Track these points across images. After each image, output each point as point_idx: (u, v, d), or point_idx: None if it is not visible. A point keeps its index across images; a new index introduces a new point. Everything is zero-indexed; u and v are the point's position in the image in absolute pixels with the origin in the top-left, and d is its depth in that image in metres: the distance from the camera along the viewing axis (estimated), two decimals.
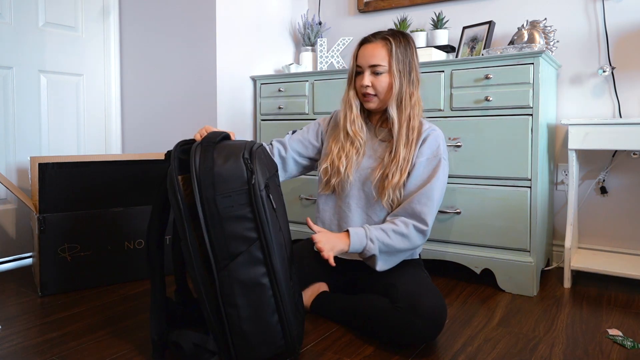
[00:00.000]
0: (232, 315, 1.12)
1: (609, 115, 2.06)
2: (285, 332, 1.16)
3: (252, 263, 1.12)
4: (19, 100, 2.25)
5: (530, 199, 1.77)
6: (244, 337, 1.13)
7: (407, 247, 1.41)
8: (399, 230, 1.39)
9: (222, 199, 1.10)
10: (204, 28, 2.29)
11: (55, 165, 1.74)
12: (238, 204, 1.11)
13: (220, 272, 1.11)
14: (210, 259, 1.11)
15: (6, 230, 2.21)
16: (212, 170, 1.11)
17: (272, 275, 1.13)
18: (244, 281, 1.12)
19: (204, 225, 1.11)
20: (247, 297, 1.12)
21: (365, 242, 1.35)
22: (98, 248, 1.87)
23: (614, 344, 1.38)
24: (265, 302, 1.13)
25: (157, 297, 1.26)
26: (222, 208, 1.10)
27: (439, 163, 1.46)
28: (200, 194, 1.11)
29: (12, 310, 1.63)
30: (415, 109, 1.47)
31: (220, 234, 1.11)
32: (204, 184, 1.10)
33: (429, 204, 1.41)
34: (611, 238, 2.09)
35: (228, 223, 1.11)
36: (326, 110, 2.24)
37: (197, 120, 2.35)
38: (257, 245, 1.12)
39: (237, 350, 1.13)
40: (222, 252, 1.11)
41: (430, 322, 1.27)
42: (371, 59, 1.46)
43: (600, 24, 2.06)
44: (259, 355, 1.14)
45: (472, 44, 2.20)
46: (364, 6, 2.65)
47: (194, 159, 1.13)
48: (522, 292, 1.80)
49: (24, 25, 2.26)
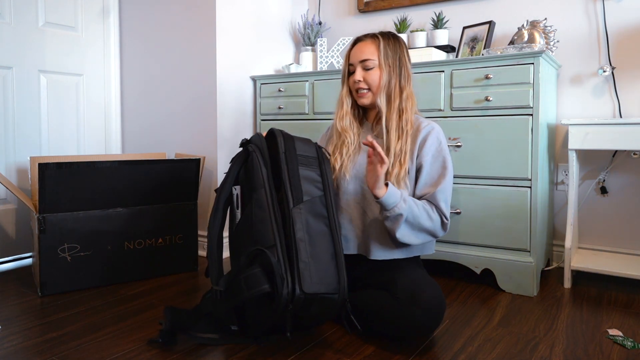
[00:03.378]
0: (300, 243, 1.26)
1: (609, 115, 2.06)
2: (340, 277, 1.28)
3: (318, 210, 1.33)
4: (19, 100, 2.25)
5: (530, 199, 1.77)
6: (309, 269, 1.24)
7: (429, 228, 1.43)
8: (427, 209, 1.43)
9: (300, 156, 1.37)
10: (204, 28, 2.29)
11: (55, 165, 1.73)
12: (311, 164, 1.38)
13: (295, 208, 1.30)
14: (288, 197, 1.30)
15: (6, 230, 2.21)
16: (292, 139, 1.39)
17: (334, 226, 1.34)
18: (312, 222, 1.31)
19: (284, 170, 1.34)
20: (314, 236, 1.30)
21: (398, 199, 1.37)
22: (98, 248, 1.87)
23: (614, 344, 1.38)
24: (326, 245, 1.31)
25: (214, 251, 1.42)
26: (300, 159, 1.36)
27: (444, 161, 1.49)
28: (285, 148, 1.36)
29: (12, 310, 1.63)
30: (408, 103, 1.50)
31: (297, 178, 1.33)
32: (287, 145, 1.37)
33: (446, 203, 1.47)
34: (611, 238, 2.09)
35: (303, 173, 1.35)
36: (326, 110, 2.24)
37: (197, 120, 2.35)
38: (322, 199, 1.35)
39: (303, 279, 1.23)
40: (298, 193, 1.31)
41: (430, 312, 1.28)
42: (361, 55, 1.51)
43: (601, 24, 2.06)
44: (319, 289, 1.24)
45: (472, 44, 2.20)
46: (364, 6, 2.65)
47: (279, 132, 1.40)
48: (522, 292, 1.80)
49: (24, 25, 2.26)
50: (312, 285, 1.23)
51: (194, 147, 2.37)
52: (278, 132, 1.41)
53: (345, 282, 1.28)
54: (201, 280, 1.98)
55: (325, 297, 1.25)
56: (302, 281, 1.22)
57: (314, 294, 1.22)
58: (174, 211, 2.05)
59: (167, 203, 2.03)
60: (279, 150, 1.36)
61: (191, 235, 2.10)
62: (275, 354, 1.30)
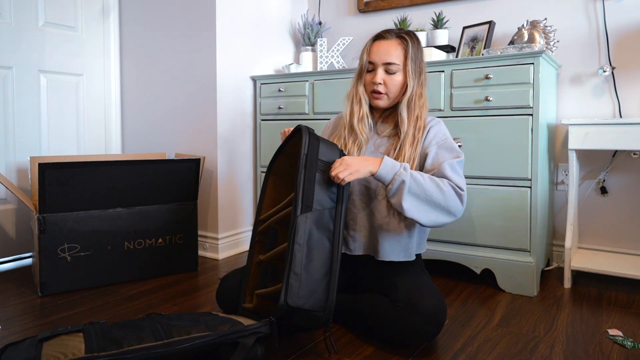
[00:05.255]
0: (297, 255, 1.22)
1: (609, 115, 2.06)
2: (329, 296, 1.24)
3: (324, 222, 1.29)
4: (19, 101, 2.25)
5: (530, 199, 1.77)
6: (299, 281, 1.21)
7: (441, 200, 1.30)
8: (435, 180, 1.32)
9: (321, 162, 1.31)
10: (204, 28, 2.29)
11: (55, 165, 1.73)
12: (329, 172, 1.31)
13: (301, 215, 1.25)
14: (297, 202, 1.26)
15: (6, 230, 2.21)
16: (318, 141, 1.33)
17: (336, 243, 1.29)
18: (315, 234, 1.26)
19: (301, 173, 1.28)
20: (314, 248, 1.25)
21: (397, 167, 1.29)
22: (98, 248, 1.87)
23: (614, 344, 1.38)
24: (323, 261, 1.26)
25: None
26: (319, 165, 1.30)
27: (452, 148, 1.41)
28: (307, 150, 1.30)
29: (12, 310, 1.63)
30: (423, 110, 1.47)
31: (311, 184, 1.28)
32: (311, 147, 1.31)
33: (458, 175, 1.36)
34: (611, 238, 2.09)
35: (319, 180, 1.30)
36: (326, 110, 2.24)
37: (197, 120, 2.35)
38: (332, 211, 1.30)
39: (290, 292, 1.20)
40: (308, 200, 1.27)
41: (430, 320, 1.27)
42: (386, 57, 1.43)
43: (601, 24, 2.06)
44: (304, 304, 1.21)
45: (472, 44, 2.20)
46: (364, 6, 2.65)
47: (305, 131, 1.33)
48: (522, 292, 1.80)
49: (24, 25, 2.26)
50: (298, 299, 1.20)
51: (194, 147, 2.37)
52: (305, 130, 1.34)
53: (333, 302, 1.24)
54: (201, 280, 1.98)
55: (310, 312, 1.22)
56: (289, 293, 1.19)
57: (298, 308, 1.19)
58: (174, 211, 2.05)
59: (167, 203, 2.03)
60: (301, 151, 1.30)
61: (191, 235, 2.10)
62: (276, 354, 1.30)
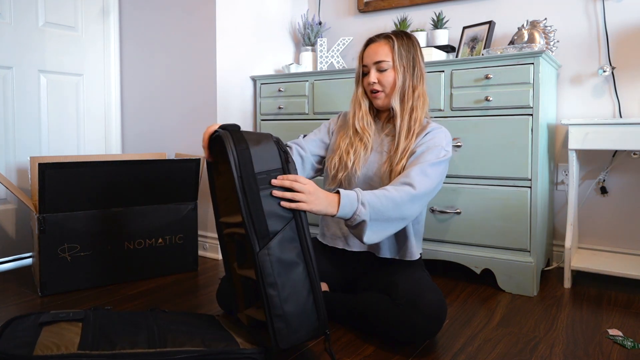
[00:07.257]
0: (273, 297, 1.11)
1: (609, 115, 2.06)
2: (319, 313, 1.17)
3: (289, 242, 1.15)
4: (19, 100, 2.25)
5: (530, 199, 1.77)
6: (285, 320, 1.12)
7: (397, 214, 1.30)
8: (392, 195, 1.30)
9: (260, 176, 1.13)
10: (204, 28, 2.29)
11: (55, 165, 1.73)
12: (275, 177, 1.15)
13: (261, 251, 1.11)
14: (251, 237, 1.11)
15: (6, 230, 2.21)
16: (248, 150, 1.13)
17: (308, 255, 1.16)
18: (283, 260, 1.13)
19: (243, 201, 1.11)
20: (287, 277, 1.13)
21: (355, 206, 1.24)
22: (98, 248, 1.87)
23: (614, 344, 1.38)
24: (301, 282, 1.15)
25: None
26: (259, 181, 1.13)
27: (440, 152, 1.42)
28: (240, 172, 1.12)
29: (12, 310, 1.63)
30: (419, 102, 1.49)
31: (259, 210, 1.12)
32: (242, 162, 1.12)
33: (425, 175, 1.36)
34: (611, 238, 2.09)
35: (266, 200, 1.13)
36: (326, 110, 2.24)
37: (197, 120, 2.35)
38: (292, 225, 1.15)
39: (279, 336, 1.12)
40: (262, 229, 1.12)
41: (431, 317, 1.27)
42: (375, 56, 1.50)
43: (601, 24, 2.06)
44: (299, 338, 1.14)
45: (472, 44, 2.20)
46: (364, 6, 2.65)
47: (228, 140, 1.14)
48: (522, 292, 1.80)
49: (24, 25, 2.26)
50: (289, 337, 1.13)
51: (194, 147, 2.37)
52: (226, 138, 1.14)
53: (325, 314, 1.19)
54: (201, 280, 1.98)
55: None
56: (278, 337, 1.12)
57: (292, 345, 1.14)
58: (174, 211, 2.05)
59: (167, 203, 2.03)
60: (232, 170, 1.12)
61: (191, 235, 2.10)
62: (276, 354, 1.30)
